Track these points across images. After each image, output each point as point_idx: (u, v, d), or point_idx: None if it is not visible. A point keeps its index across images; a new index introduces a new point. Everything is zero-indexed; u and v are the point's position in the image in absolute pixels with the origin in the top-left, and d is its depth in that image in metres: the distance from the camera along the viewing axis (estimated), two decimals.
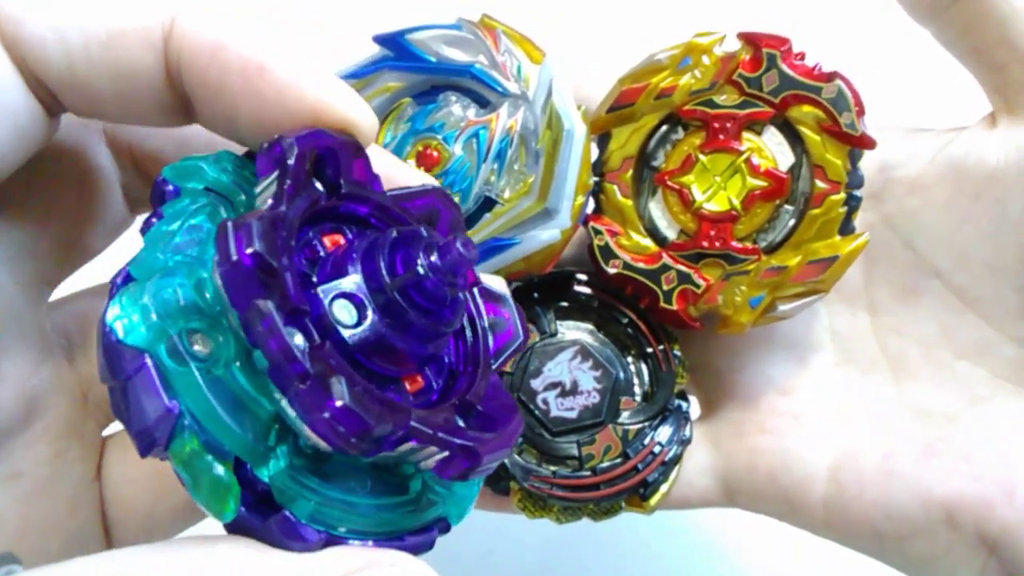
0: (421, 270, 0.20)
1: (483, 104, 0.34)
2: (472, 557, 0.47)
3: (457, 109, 0.34)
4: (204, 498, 0.18)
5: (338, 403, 0.17)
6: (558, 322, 0.35)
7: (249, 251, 0.18)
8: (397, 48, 0.33)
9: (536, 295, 0.35)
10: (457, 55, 0.33)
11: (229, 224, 0.18)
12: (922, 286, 0.34)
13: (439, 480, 0.21)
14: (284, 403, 0.18)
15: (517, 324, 0.24)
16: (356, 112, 0.21)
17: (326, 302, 0.20)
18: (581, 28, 0.53)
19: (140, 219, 0.28)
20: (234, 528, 0.19)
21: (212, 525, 0.19)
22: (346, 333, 0.20)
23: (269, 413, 0.19)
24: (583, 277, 0.35)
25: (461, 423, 0.21)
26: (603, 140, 0.34)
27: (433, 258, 0.20)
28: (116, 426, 0.29)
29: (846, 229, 0.32)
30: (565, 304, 0.35)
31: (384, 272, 0.20)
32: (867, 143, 0.31)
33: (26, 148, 0.21)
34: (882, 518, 0.32)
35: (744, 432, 0.35)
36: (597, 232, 0.33)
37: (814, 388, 0.35)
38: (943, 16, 0.32)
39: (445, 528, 0.22)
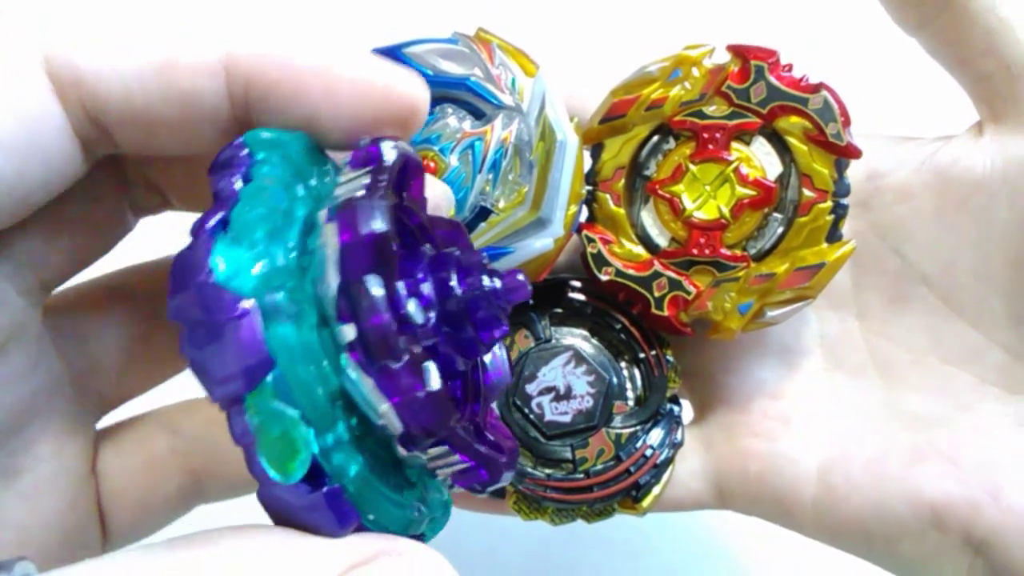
0: (487, 287, 0.21)
1: (478, 116, 0.35)
2: (473, 556, 0.48)
3: (453, 121, 0.35)
4: (274, 453, 0.18)
5: (432, 387, 0.18)
6: (552, 328, 0.35)
7: (379, 229, 0.18)
8: (395, 62, 0.34)
9: (531, 302, 0.35)
10: (453, 68, 0.34)
11: (363, 201, 0.19)
12: (910, 292, 0.34)
13: (431, 497, 0.22)
14: (359, 380, 0.18)
15: (506, 364, 0.25)
16: (417, 88, 0.22)
17: (404, 298, 0.20)
18: (574, 40, 0.54)
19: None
20: (267, 499, 0.19)
21: (203, 517, 0.19)
22: None
23: (335, 387, 0.19)
24: (577, 284, 0.36)
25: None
26: (596, 150, 0.34)
27: (496, 282, 0.21)
28: (107, 419, 0.29)
29: (833, 237, 0.32)
30: (559, 310, 0.36)
31: (456, 282, 0.21)
32: (853, 153, 0.31)
33: (54, 189, 0.21)
34: (871, 520, 0.33)
35: (735, 435, 0.35)
36: (590, 240, 0.34)
37: (804, 392, 0.35)
38: (930, 27, 0.32)
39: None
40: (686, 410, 0.37)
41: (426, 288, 0.21)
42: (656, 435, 0.34)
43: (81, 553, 0.27)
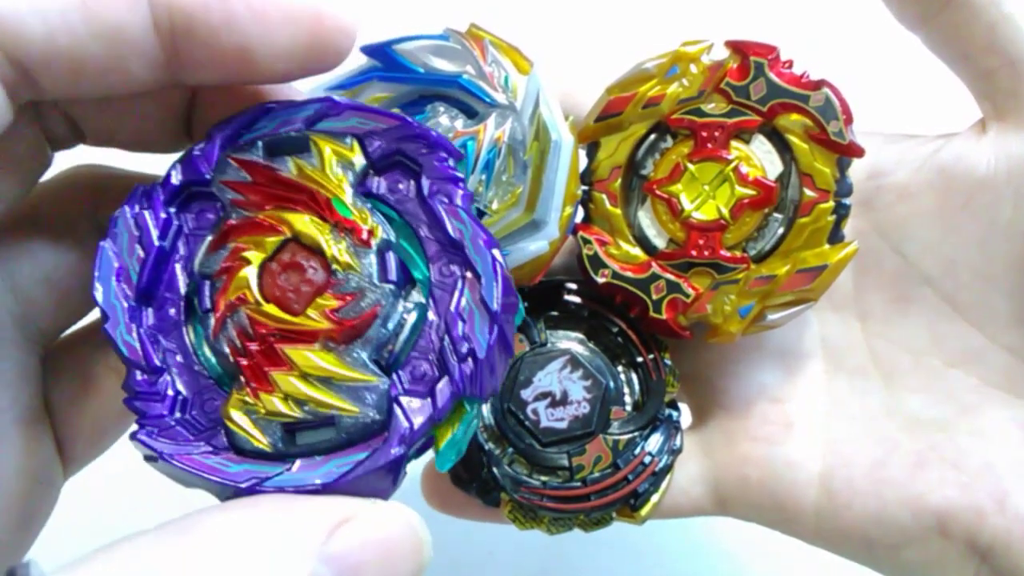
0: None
1: (471, 115, 0.34)
2: (473, 559, 0.47)
3: (445, 120, 0.34)
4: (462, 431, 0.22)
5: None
6: (548, 331, 0.35)
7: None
8: (385, 59, 0.33)
9: (525, 305, 0.35)
10: (445, 65, 0.33)
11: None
12: (912, 293, 0.34)
13: None
14: None
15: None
16: (346, 13, 0.22)
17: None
18: (569, 36, 0.53)
19: None
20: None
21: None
22: None
23: None
24: (573, 286, 0.35)
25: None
26: (592, 149, 0.34)
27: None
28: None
29: (835, 238, 0.31)
30: (555, 313, 0.35)
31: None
32: (855, 151, 0.31)
33: None
34: (873, 526, 0.32)
35: (735, 440, 0.35)
36: (586, 242, 0.33)
37: (805, 396, 0.35)
38: (932, 22, 0.31)
39: None
40: (684, 414, 0.36)
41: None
42: (655, 441, 0.33)
43: (48, 490, 0.27)
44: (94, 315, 0.29)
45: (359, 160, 0.23)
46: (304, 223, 0.22)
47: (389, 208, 0.23)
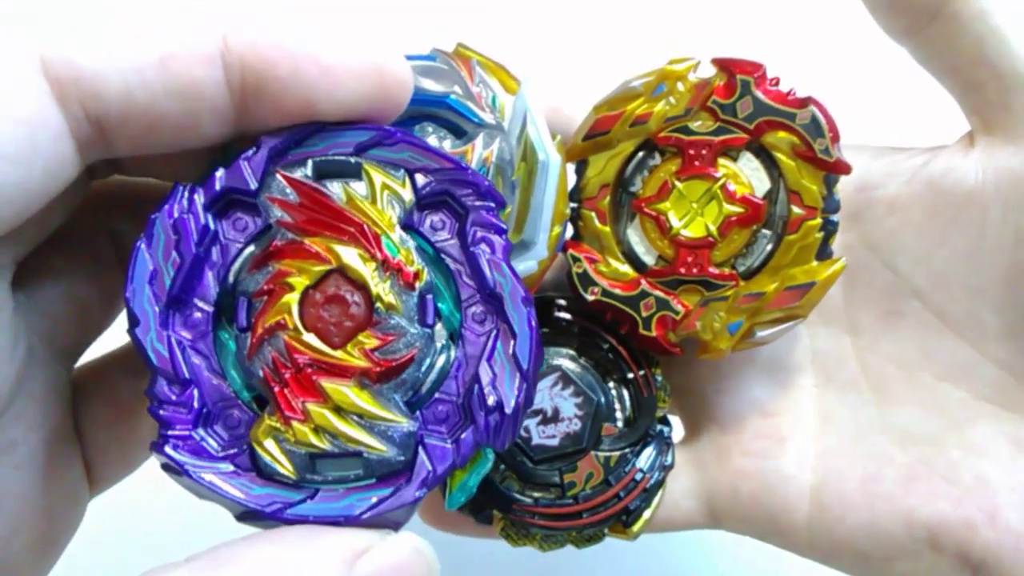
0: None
1: (459, 135, 0.34)
2: (472, 558, 0.48)
3: (433, 140, 0.34)
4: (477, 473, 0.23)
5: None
6: None
7: None
8: None
9: None
10: (432, 86, 0.33)
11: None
12: (902, 307, 0.34)
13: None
14: None
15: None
16: (406, 66, 0.23)
17: None
18: (556, 55, 0.53)
19: None
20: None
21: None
22: None
23: None
24: (563, 302, 0.35)
25: None
26: (580, 167, 0.34)
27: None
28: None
29: (823, 254, 0.32)
30: (546, 330, 0.35)
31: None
32: (842, 168, 0.31)
33: (51, 196, 0.21)
34: (865, 540, 0.32)
35: (727, 455, 0.35)
36: (575, 260, 0.33)
37: (796, 410, 0.35)
38: (920, 35, 0.31)
39: None
40: (676, 429, 0.36)
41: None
42: (646, 458, 0.33)
43: (74, 508, 0.27)
44: (121, 337, 0.28)
45: (408, 195, 0.23)
46: (351, 256, 0.22)
47: (427, 244, 0.23)
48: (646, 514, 0.33)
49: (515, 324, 0.22)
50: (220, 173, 0.23)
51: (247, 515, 0.22)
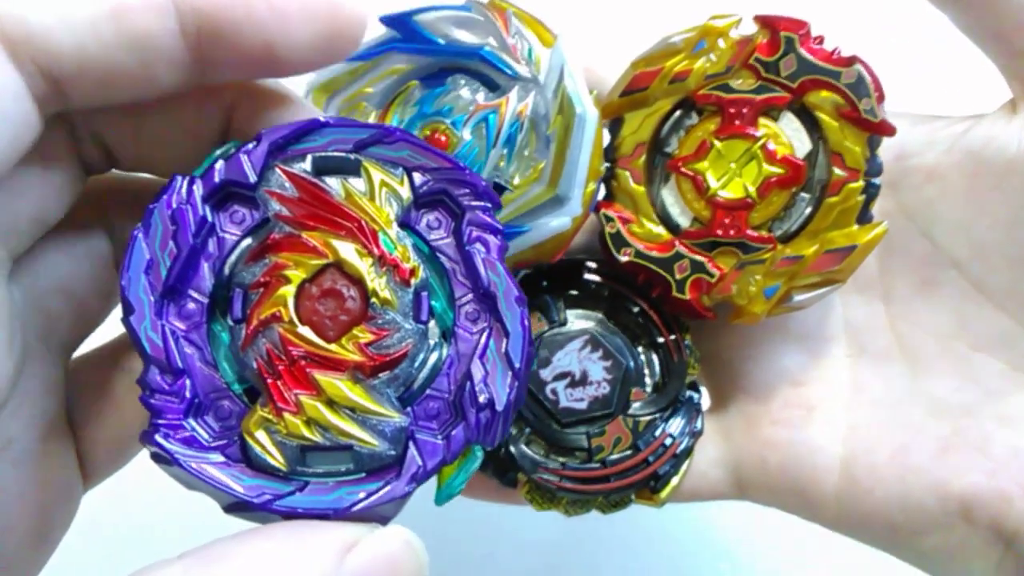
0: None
1: (493, 88, 0.33)
2: (473, 559, 0.47)
3: (466, 92, 0.33)
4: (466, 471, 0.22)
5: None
6: (567, 311, 0.34)
7: None
8: (405, 29, 0.32)
9: (545, 283, 0.34)
10: (466, 37, 0.32)
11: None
12: (939, 277, 0.33)
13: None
14: None
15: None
16: (360, 2, 0.23)
17: None
18: (594, 9, 0.52)
19: None
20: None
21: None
22: None
23: None
24: (593, 265, 0.34)
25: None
26: (615, 125, 0.33)
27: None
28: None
29: (864, 218, 0.31)
30: (575, 293, 0.34)
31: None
32: (887, 130, 0.30)
33: (17, 156, 0.21)
34: (896, 512, 0.32)
35: (756, 424, 0.34)
36: (609, 220, 0.32)
37: (827, 380, 0.34)
38: (962, 0, 0.31)
39: None
40: (704, 397, 0.35)
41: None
42: (676, 423, 0.33)
43: (68, 502, 0.27)
44: (114, 331, 0.28)
45: (406, 193, 0.23)
46: (348, 251, 0.23)
47: (423, 242, 0.24)
48: (674, 480, 0.33)
49: (508, 323, 0.23)
50: (220, 165, 0.23)
51: (236, 506, 0.22)
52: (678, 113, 0.32)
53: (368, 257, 0.23)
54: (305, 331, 0.22)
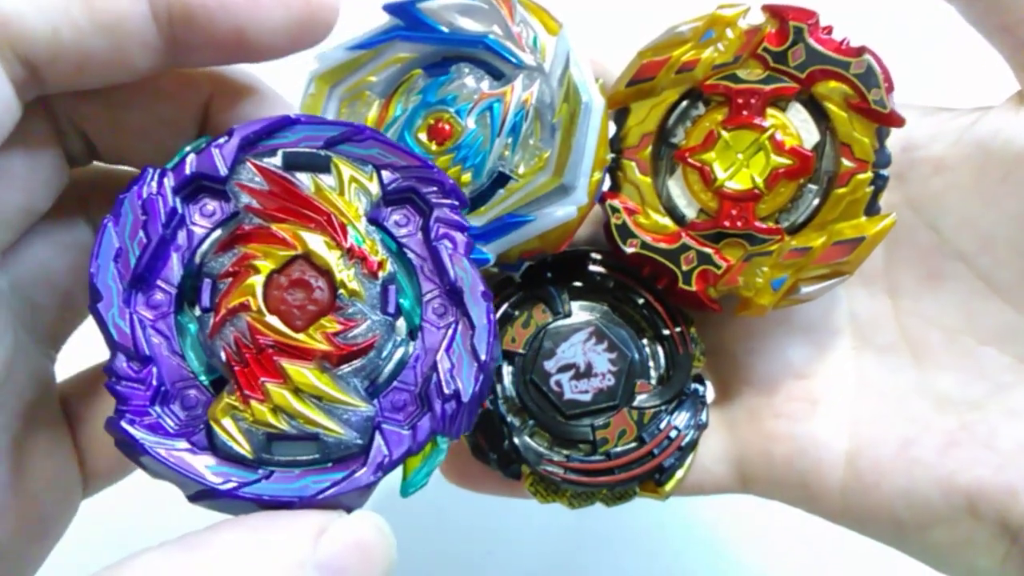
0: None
1: (497, 76, 0.33)
2: (471, 558, 0.47)
3: (470, 81, 0.33)
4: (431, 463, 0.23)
5: None
6: (571, 302, 0.34)
7: None
8: (408, 18, 0.32)
9: (549, 275, 0.34)
10: (471, 25, 0.32)
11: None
12: (946, 269, 0.33)
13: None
14: None
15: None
16: None
17: None
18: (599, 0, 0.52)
19: None
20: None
21: None
22: None
23: None
24: (598, 256, 0.34)
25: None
26: (620, 115, 0.33)
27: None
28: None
29: (872, 209, 0.31)
30: (579, 284, 0.34)
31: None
32: (896, 121, 0.30)
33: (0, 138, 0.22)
34: (902, 506, 0.31)
35: (760, 417, 0.34)
36: (615, 210, 0.32)
37: (832, 373, 0.34)
38: None
39: None
40: (708, 390, 0.35)
41: None
42: (681, 416, 0.32)
43: (64, 497, 0.28)
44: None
45: (375, 189, 0.24)
46: (317, 243, 0.23)
47: (391, 239, 0.24)
48: (679, 473, 0.32)
49: (474, 317, 0.23)
50: (191, 158, 0.23)
51: (201, 494, 0.22)
52: (685, 103, 0.32)
53: (337, 249, 0.23)
54: (273, 320, 0.22)
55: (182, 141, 0.24)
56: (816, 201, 0.31)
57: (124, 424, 0.21)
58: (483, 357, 0.23)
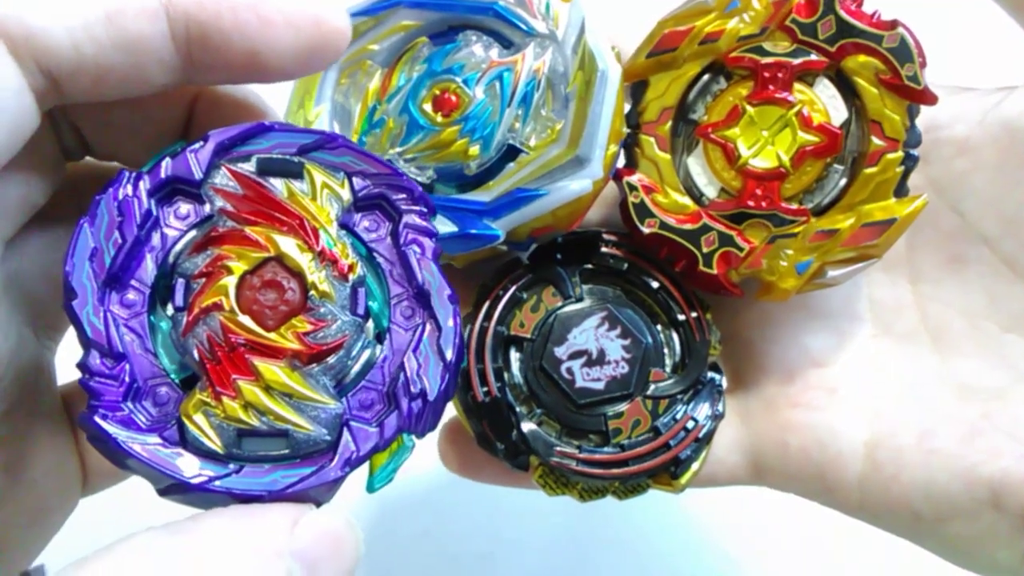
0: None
1: (507, 44, 0.31)
2: (472, 559, 0.47)
3: (479, 49, 0.31)
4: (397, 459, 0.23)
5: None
6: (583, 286, 0.32)
7: None
8: None
9: (559, 256, 0.32)
10: None
11: None
12: (968, 253, 0.32)
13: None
14: None
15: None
16: (343, 17, 0.24)
17: None
18: None
19: None
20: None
21: None
22: None
23: None
24: (611, 238, 0.32)
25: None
26: (638, 89, 0.31)
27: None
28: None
29: (901, 191, 0.29)
30: (591, 266, 0.32)
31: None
32: (929, 98, 0.29)
33: (17, 147, 0.22)
34: (921, 499, 0.30)
35: (776, 406, 0.33)
36: (632, 188, 0.30)
37: (851, 360, 0.33)
38: None
39: None
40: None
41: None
42: (698, 406, 0.31)
43: (64, 486, 0.28)
44: None
45: (346, 195, 0.24)
46: (290, 246, 0.24)
47: (361, 244, 0.25)
48: (695, 466, 0.31)
49: (441, 319, 0.24)
50: (167, 162, 0.24)
51: (172, 488, 0.22)
52: (706, 77, 0.30)
53: (308, 252, 0.24)
54: (245, 320, 0.23)
55: (168, 139, 0.25)
56: (843, 181, 0.30)
57: (97, 419, 0.22)
58: (449, 357, 0.24)
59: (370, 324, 0.24)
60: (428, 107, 0.30)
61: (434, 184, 0.31)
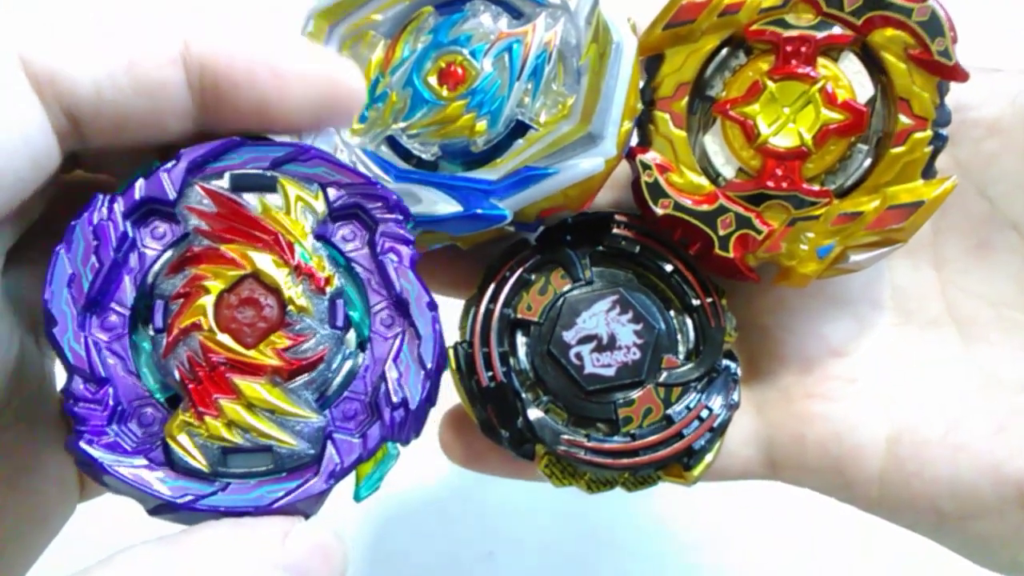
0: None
1: (516, 15, 0.29)
2: (472, 559, 0.46)
3: (487, 19, 0.29)
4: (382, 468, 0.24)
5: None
6: (593, 268, 0.31)
7: None
8: None
9: (569, 237, 0.31)
10: None
11: None
12: (996, 239, 0.30)
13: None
14: None
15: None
16: (357, 78, 0.24)
17: None
18: None
19: None
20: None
21: None
22: None
23: None
24: (623, 219, 0.31)
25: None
26: (653, 63, 0.30)
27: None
28: None
29: (929, 172, 0.28)
30: (602, 249, 0.31)
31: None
32: (960, 75, 0.27)
33: (38, 187, 0.22)
34: (945, 496, 0.29)
35: (792, 397, 0.32)
36: (646, 167, 0.29)
37: (872, 350, 0.32)
38: None
39: None
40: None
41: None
42: (713, 394, 0.30)
43: (68, 498, 0.28)
44: None
45: (321, 207, 0.25)
46: (266, 262, 0.24)
47: (338, 254, 0.25)
48: (708, 457, 0.30)
49: (420, 327, 0.24)
50: (140, 183, 0.24)
51: (161, 508, 0.22)
52: (725, 51, 0.29)
53: (284, 267, 0.24)
54: (224, 338, 0.23)
55: (155, 153, 0.25)
56: (867, 162, 0.29)
57: (83, 444, 0.22)
58: (430, 365, 0.24)
59: (351, 334, 0.25)
60: (433, 80, 0.29)
61: (439, 161, 0.29)
